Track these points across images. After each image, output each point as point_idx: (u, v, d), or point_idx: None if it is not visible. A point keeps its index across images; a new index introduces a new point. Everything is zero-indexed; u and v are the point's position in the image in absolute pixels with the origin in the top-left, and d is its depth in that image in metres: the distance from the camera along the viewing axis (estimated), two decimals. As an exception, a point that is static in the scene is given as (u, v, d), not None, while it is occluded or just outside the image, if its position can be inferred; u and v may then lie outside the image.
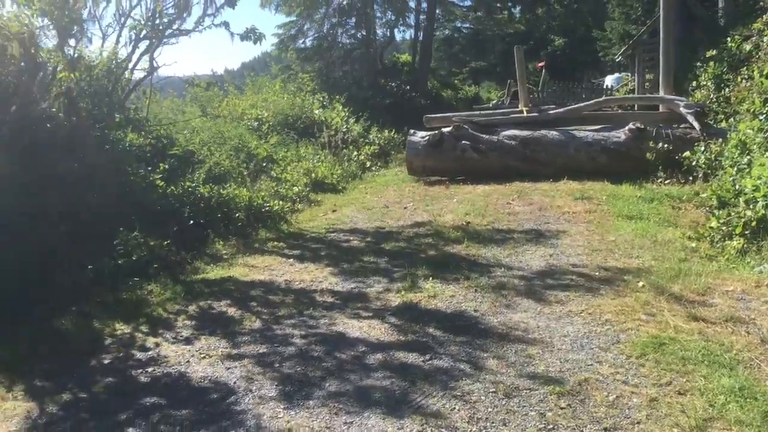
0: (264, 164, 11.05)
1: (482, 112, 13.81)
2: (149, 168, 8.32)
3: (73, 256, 6.35)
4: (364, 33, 22.91)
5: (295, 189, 10.31)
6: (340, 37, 23.35)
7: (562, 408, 3.63)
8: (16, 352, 4.75)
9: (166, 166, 8.54)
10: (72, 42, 7.57)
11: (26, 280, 5.76)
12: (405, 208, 9.55)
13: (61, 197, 6.81)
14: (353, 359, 4.47)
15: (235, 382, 4.17)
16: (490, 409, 3.65)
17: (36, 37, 6.89)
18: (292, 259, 7.13)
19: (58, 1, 6.89)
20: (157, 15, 8.35)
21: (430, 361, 4.33)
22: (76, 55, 7.66)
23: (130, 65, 8.66)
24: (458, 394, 3.85)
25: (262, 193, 9.28)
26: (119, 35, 8.61)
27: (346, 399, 3.89)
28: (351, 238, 8.01)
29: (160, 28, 8.57)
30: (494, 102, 20.76)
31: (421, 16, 24.76)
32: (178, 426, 3.64)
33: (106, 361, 4.60)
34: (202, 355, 4.61)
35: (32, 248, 6.11)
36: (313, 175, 11.40)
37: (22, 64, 7.10)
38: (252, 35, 9.03)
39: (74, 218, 6.73)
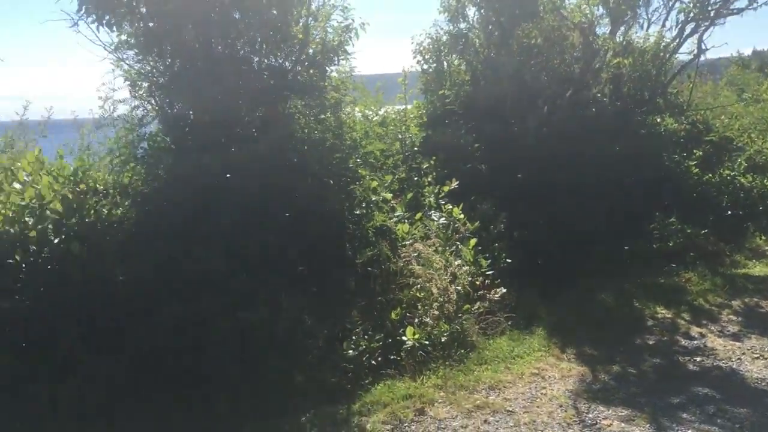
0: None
1: None
2: (684, 154, 8.11)
3: (609, 235, 6.59)
4: None
5: None
6: None
7: None
8: (564, 317, 5.14)
9: (701, 153, 8.22)
10: (622, 28, 7.78)
11: (568, 254, 6.20)
12: None
13: (599, 177, 7.09)
14: None
15: (799, 392, 3.76)
16: None
17: (594, 26, 7.29)
18: None
19: (615, -12, 7.14)
20: (709, -5, 7.98)
21: None
22: (625, 42, 7.83)
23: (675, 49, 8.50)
24: None
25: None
26: (665, 19, 8.53)
27: None
28: None
29: (709, 9, 8.18)
30: None
31: None
32: (737, 423, 3.44)
33: (650, 342, 4.65)
34: (755, 355, 4.29)
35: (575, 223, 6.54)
36: None
37: (575, 53, 7.62)
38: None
39: (612, 198, 6.94)
